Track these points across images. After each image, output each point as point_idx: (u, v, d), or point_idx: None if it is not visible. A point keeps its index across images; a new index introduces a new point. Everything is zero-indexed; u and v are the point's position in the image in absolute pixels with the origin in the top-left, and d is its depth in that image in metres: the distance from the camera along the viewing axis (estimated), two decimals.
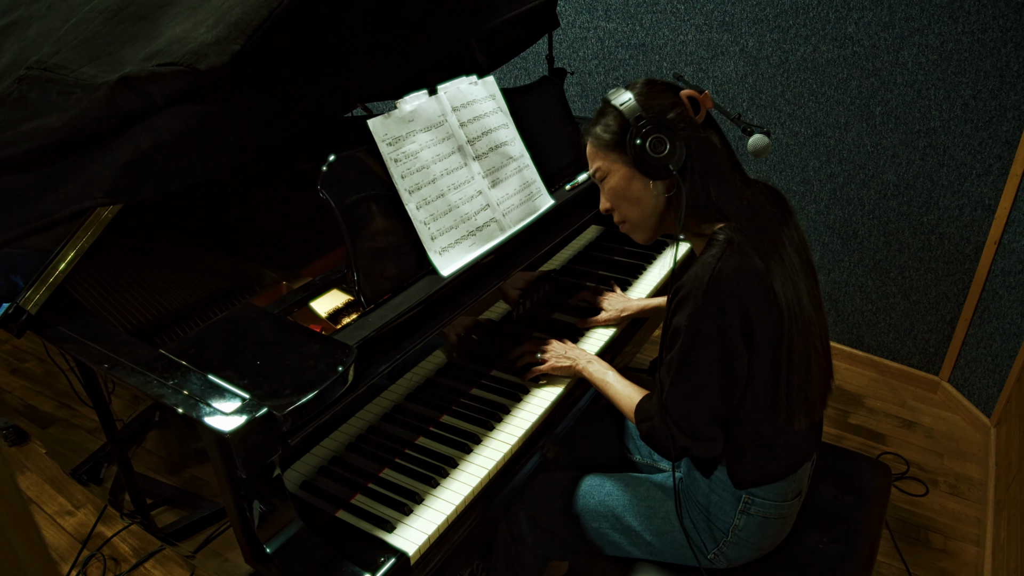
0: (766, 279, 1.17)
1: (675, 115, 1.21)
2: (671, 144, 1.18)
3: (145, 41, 1.45)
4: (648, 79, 1.27)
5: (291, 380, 1.07)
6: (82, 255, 1.26)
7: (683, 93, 1.22)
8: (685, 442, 1.24)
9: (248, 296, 1.50)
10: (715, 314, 1.15)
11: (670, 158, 1.19)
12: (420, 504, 1.26)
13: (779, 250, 1.21)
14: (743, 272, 1.16)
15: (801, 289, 1.23)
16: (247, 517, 1.03)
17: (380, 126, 1.36)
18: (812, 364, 1.26)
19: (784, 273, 1.20)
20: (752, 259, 1.17)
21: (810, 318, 1.24)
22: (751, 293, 1.16)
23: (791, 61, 2.61)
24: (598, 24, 2.99)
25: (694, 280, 1.17)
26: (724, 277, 1.15)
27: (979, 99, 2.32)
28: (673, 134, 1.19)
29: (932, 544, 2.18)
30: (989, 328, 2.53)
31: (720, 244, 1.19)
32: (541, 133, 1.77)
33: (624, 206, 1.32)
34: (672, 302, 1.22)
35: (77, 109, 1.29)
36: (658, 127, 1.19)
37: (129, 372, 1.12)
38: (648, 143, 1.19)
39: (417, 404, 1.43)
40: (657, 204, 1.28)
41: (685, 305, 1.18)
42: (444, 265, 1.40)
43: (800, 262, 1.26)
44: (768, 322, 1.18)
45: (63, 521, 2.27)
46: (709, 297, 1.15)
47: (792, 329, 1.20)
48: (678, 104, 1.22)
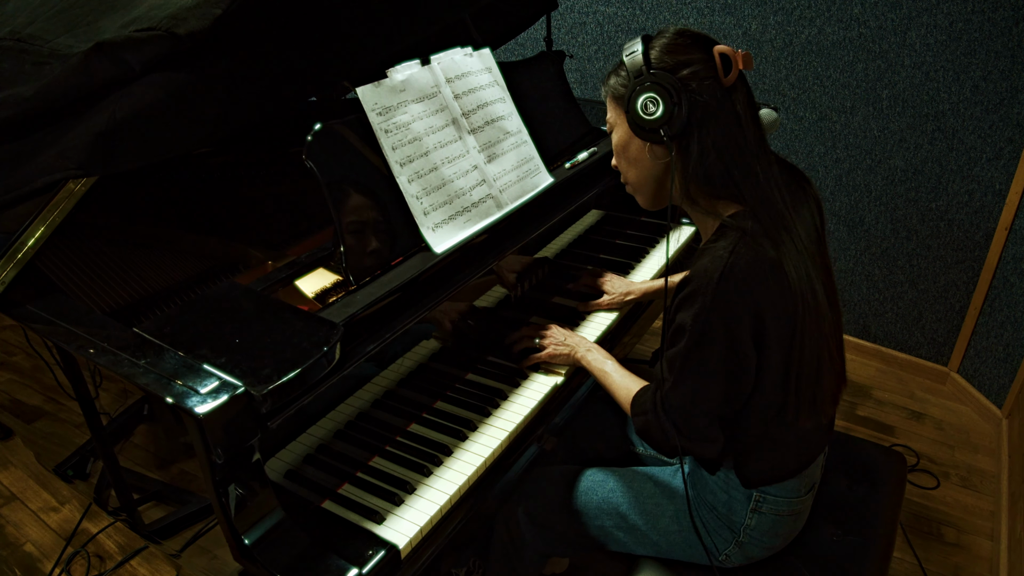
0: (780, 269, 1.08)
1: (689, 73, 1.09)
2: (665, 106, 1.08)
3: (124, 10, 1.39)
4: (681, 29, 1.14)
5: (272, 359, 1.00)
6: (53, 230, 1.19)
7: (716, 49, 1.08)
8: (681, 441, 1.17)
9: (232, 276, 1.43)
10: (724, 314, 1.06)
11: (663, 121, 1.09)
12: (412, 494, 1.19)
13: (792, 236, 1.11)
14: (757, 267, 1.06)
15: (815, 279, 1.13)
16: (223, 504, 0.96)
17: (370, 95, 1.29)
18: (823, 362, 1.16)
19: (799, 261, 1.10)
20: (766, 250, 1.07)
21: (823, 312, 1.14)
22: (764, 290, 1.07)
23: (795, 44, 2.54)
24: (597, 8, 2.92)
25: (703, 275, 1.08)
26: (736, 274, 1.05)
27: (989, 80, 2.25)
28: (673, 95, 1.07)
29: (945, 538, 2.11)
30: (1000, 317, 2.46)
31: (733, 235, 1.09)
32: (539, 109, 1.70)
33: (623, 164, 1.25)
34: (677, 296, 1.13)
35: (50, 78, 1.22)
36: (655, 86, 1.08)
37: (100, 351, 1.05)
38: (639, 103, 1.10)
39: (409, 389, 1.36)
40: (655, 168, 1.19)
41: (692, 302, 1.08)
42: (437, 242, 1.33)
43: (815, 249, 1.16)
44: (781, 318, 1.09)
45: (47, 517, 2.20)
46: (719, 296, 1.05)
47: (805, 321, 1.11)
48: (703, 61, 1.09)
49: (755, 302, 1.07)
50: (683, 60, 1.09)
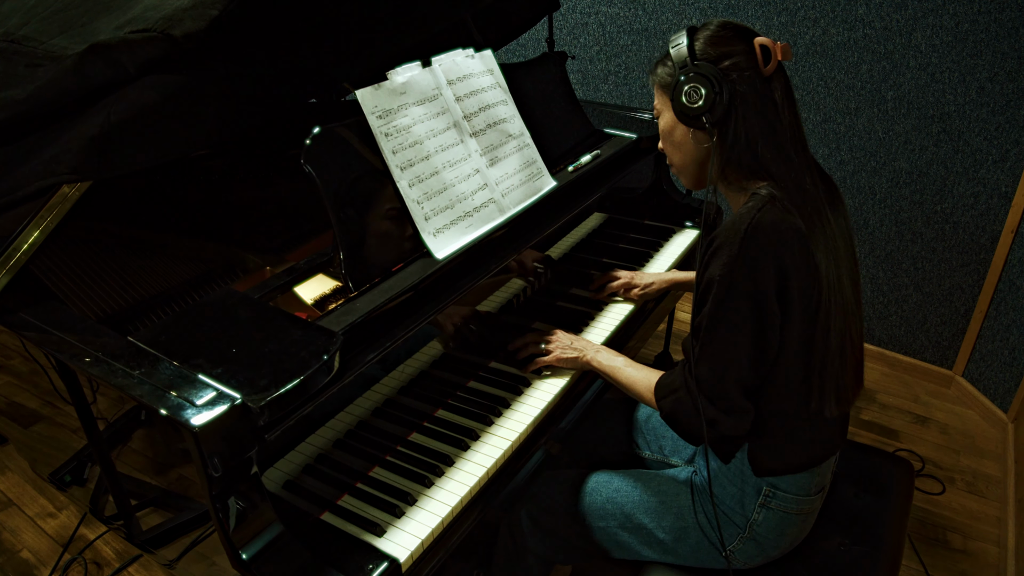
0: (806, 242, 1.11)
1: (730, 64, 1.14)
2: (707, 95, 1.13)
3: (119, 12, 1.37)
4: (724, 21, 1.20)
5: (269, 369, 0.98)
6: (47, 235, 1.17)
7: (757, 40, 1.15)
8: (714, 414, 1.16)
9: (229, 282, 1.40)
10: (751, 264, 1.09)
11: (705, 109, 1.14)
12: (413, 506, 1.16)
13: (824, 227, 1.14)
14: (783, 227, 1.10)
15: (844, 277, 1.17)
16: (221, 518, 0.93)
17: (370, 98, 1.27)
18: (848, 351, 1.18)
19: (828, 250, 1.13)
20: (794, 218, 1.11)
21: (850, 307, 1.18)
22: (789, 251, 1.10)
23: (799, 45, 2.52)
24: (599, 9, 2.90)
25: (730, 229, 1.11)
26: (762, 229, 1.09)
27: (995, 82, 2.23)
28: (715, 85, 1.13)
29: (951, 544, 2.08)
30: (1005, 320, 2.44)
31: (761, 198, 1.13)
32: (542, 111, 1.68)
33: (669, 148, 1.29)
34: (705, 254, 1.16)
35: (43, 80, 1.20)
36: (699, 76, 1.14)
37: (94, 361, 1.03)
38: (684, 92, 1.15)
39: (410, 398, 1.33)
40: (698, 152, 1.23)
41: (719, 255, 1.12)
42: (439, 248, 1.30)
43: (847, 254, 1.19)
44: (805, 287, 1.12)
45: (44, 523, 2.18)
46: (745, 246, 1.09)
47: (831, 303, 1.14)
48: (744, 52, 1.15)
49: (779, 259, 1.10)
50: (725, 52, 1.15)
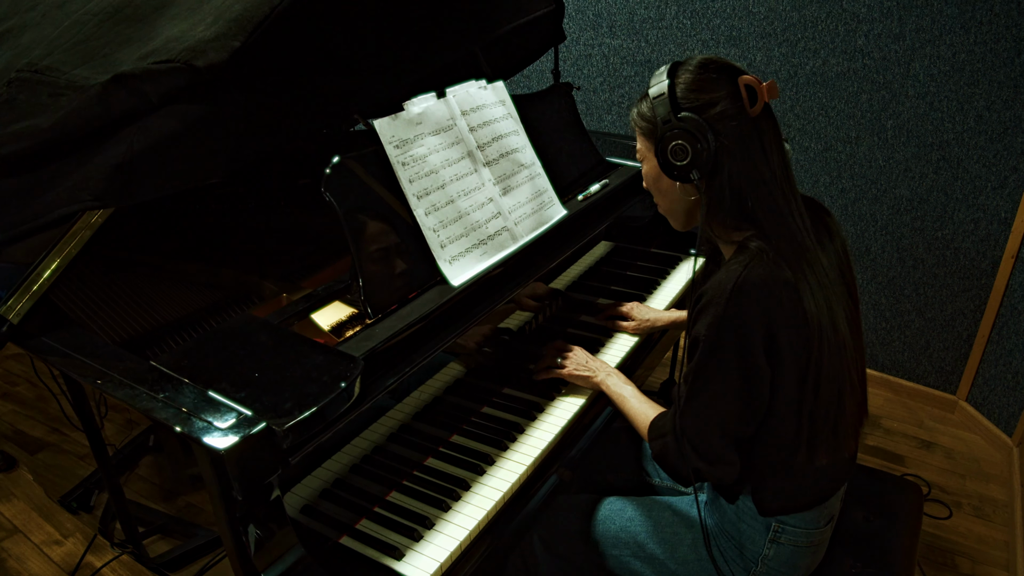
0: (796, 294, 1.08)
1: (719, 111, 1.09)
2: (694, 152, 1.09)
3: (141, 43, 1.39)
4: (704, 60, 1.14)
5: (292, 393, 0.99)
6: (68, 262, 1.18)
7: (742, 80, 1.09)
8: (698, 464, 1.16)
9: (246, 308, 1.42)
10: (737, 324, 1.07)
11: (693, 166, 1.11)
12: (431, 529, 1.17)
13: (814, 267, 1.11)
14: (771, 282, 1.07)
15: (838, 313, 1.13)
16: (243, 543, 0.94)
17: (387, 128, 1.30)
18: (845, 395, 1.16)
19: (818, 292, 1.10)
20: (782, 271, 1.08)
21: (846, 344, 1.15)
22: (778, 305, 1.08)
23: (800, 75, 2.57)
24: (603, 41, 2.95)
25: (717, 287, 1.09)
26: (749, 286, 1.07)
27: (993, 110, 2.27)
28: (699, 139, 1.08)
29: (960, 569, 2.08)
30: (1008, 345, 2.45)
31: (749, 252, 1.11)
32: (552, 141, 1.71)
33: (655, 193, 1.27)
34: (693, 310, 1.15)
35: (67, 109, 1.22)
36: (684, 133, 1.09)
37: (117, 385, 1.04)
38: (670, 150, 1.12)
39: (426, 423, 1.34)
40: (684, 201, 1.21)
41: (706, 313, 1.10)
42: (454, 275, 1.32)
43: (841, 285, 1.17)
44: (796, 341, 1.10)
45: (50, 551, 2.16)
46: (731, 306, 1.07)
47: (822, 353, 1.11)
48: (728, 96, 1.09)
49: (767, 316, 1.07)
50: (709, 99, 1.10)
